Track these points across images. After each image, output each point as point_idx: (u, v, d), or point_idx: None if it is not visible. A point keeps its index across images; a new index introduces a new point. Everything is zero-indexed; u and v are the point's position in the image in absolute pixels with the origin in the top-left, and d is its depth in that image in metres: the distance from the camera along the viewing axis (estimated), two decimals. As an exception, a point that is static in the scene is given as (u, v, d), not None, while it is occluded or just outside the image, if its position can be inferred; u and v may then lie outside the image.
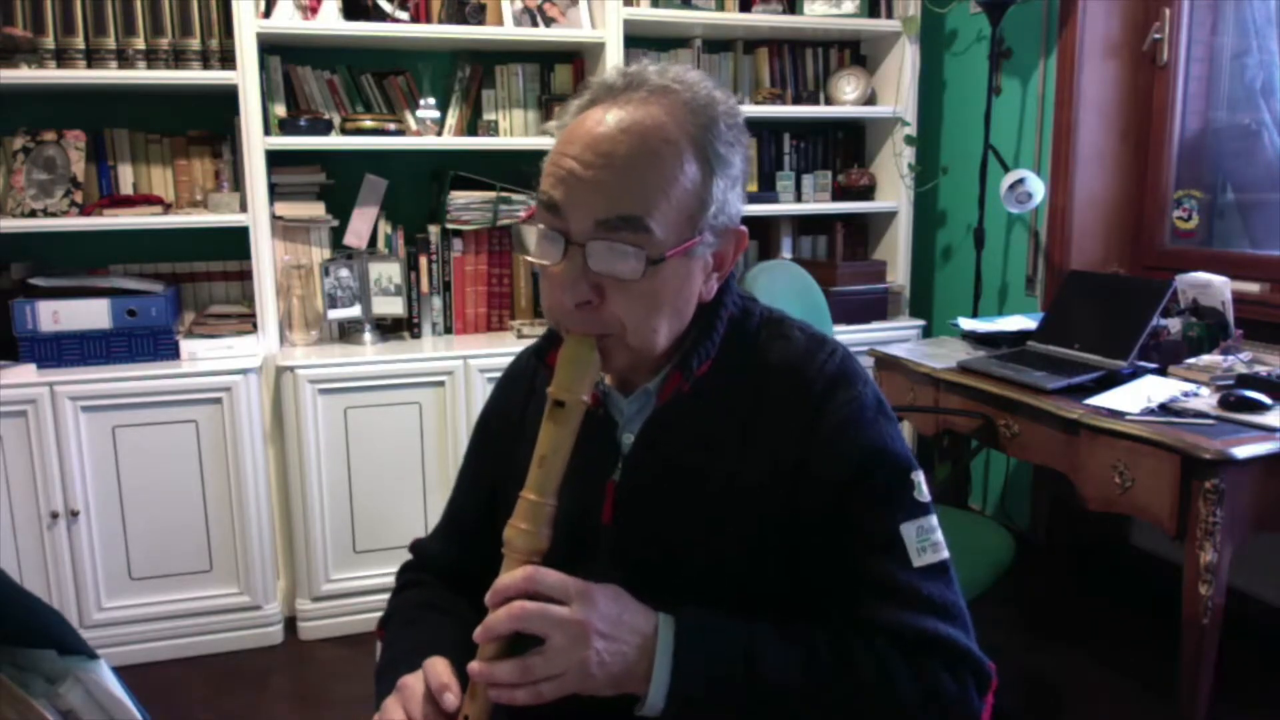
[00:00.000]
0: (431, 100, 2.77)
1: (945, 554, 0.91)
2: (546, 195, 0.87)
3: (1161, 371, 2.17)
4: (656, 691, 0.82)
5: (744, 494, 0.91)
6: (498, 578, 0.84)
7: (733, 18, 2.98)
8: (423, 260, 2.83)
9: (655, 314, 0.88)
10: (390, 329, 2.85)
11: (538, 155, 3.23)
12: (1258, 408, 1.87)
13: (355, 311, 2.74)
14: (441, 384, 2.60)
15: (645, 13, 2.83)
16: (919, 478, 0.93)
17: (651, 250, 0.84)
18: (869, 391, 0.94)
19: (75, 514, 2.37)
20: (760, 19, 3.00)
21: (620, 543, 0.94)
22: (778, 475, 0.90)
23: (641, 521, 0.94)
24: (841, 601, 0.89)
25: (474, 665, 0.82)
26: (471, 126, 2.90)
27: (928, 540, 0.90)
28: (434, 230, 2.83)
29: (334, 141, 2.66)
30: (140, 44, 2.47)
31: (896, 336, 3.05)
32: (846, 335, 2.98)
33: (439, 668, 0.86)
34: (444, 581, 1.10)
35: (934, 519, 0.92)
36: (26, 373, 2.36)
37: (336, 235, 2.79)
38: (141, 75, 2.47)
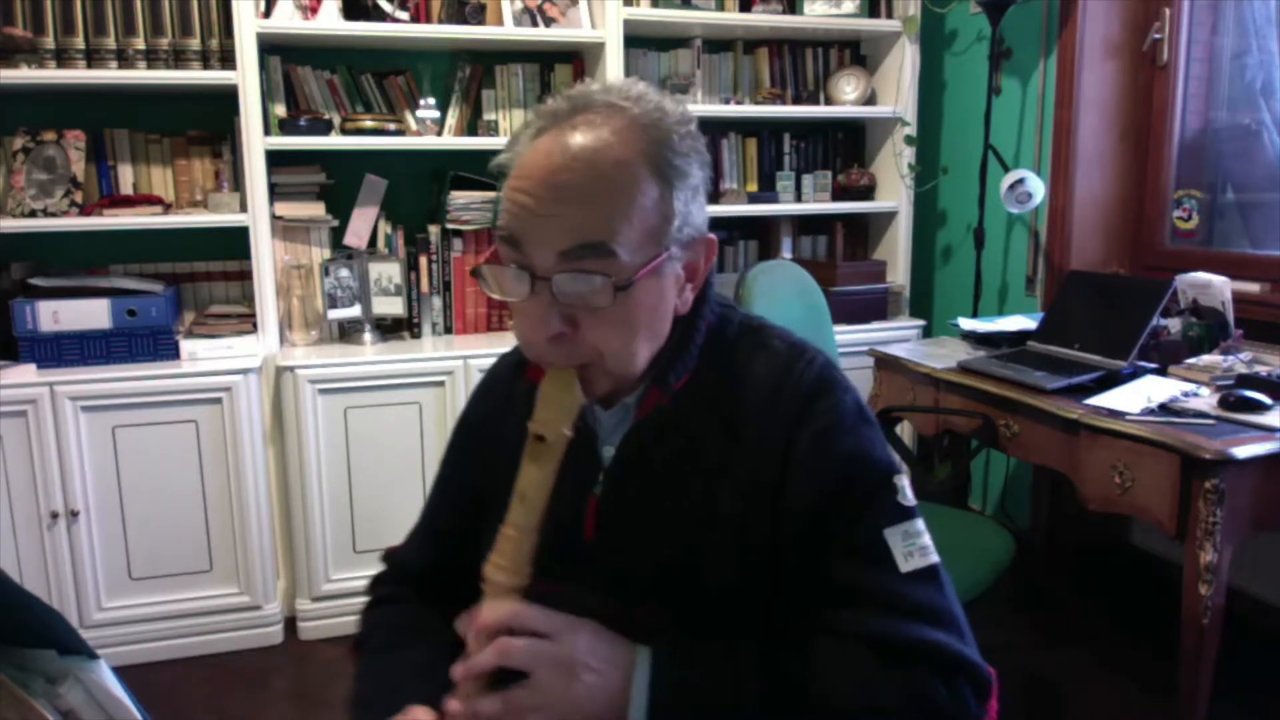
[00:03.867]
0: (431, 100, 2.77)
1: (935, 558, 0.89)
2: (506, 231, 0.85)
3: (1161, 371, 2.17)
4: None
5: (727, 506, 0.89)
6: (479, 614, 0.83)
7: (733, 18, 2.98)
8: (423, 260, 2.83)
9: (632, 337, 0.86)
10: (390, 329, 2.85)
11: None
12: (1258, 408, 1.87)
13: (355, 311, 2.74)
14: (441, 384, 2.60)
15: (645, 13, 2.83)
16: (903, 481, 0.91)
17: (619, 275, 0.82)
18: (849, 399, 0.92)
19: (75, 514, 2.37)
20: (760, 19, 3.00)
21: (603, 558, 0.92)
22: (760, 486, 0.89)
23: (624, 536, 0.92)
24: (825, 610, 0.87)
25: (453, 704, 0.81)
26: (471, 126, 2.90)
27: (915, 545, 0.87)
28: (434, 230, 2.83)
29: (334, 141, 2.66)
30: (140, 44, 2.47)
31: (896, 336, 3.05)
32: (846, 335, 2.98)
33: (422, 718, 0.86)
34: (420, 591, 1.08)
35: (920, 523, 0.89)
36: (26, 373, 2.36)
37: (336, 235, 2.79)
38: (141, 75, 2.47)
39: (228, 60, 2.49)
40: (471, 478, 1.06)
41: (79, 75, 2.43)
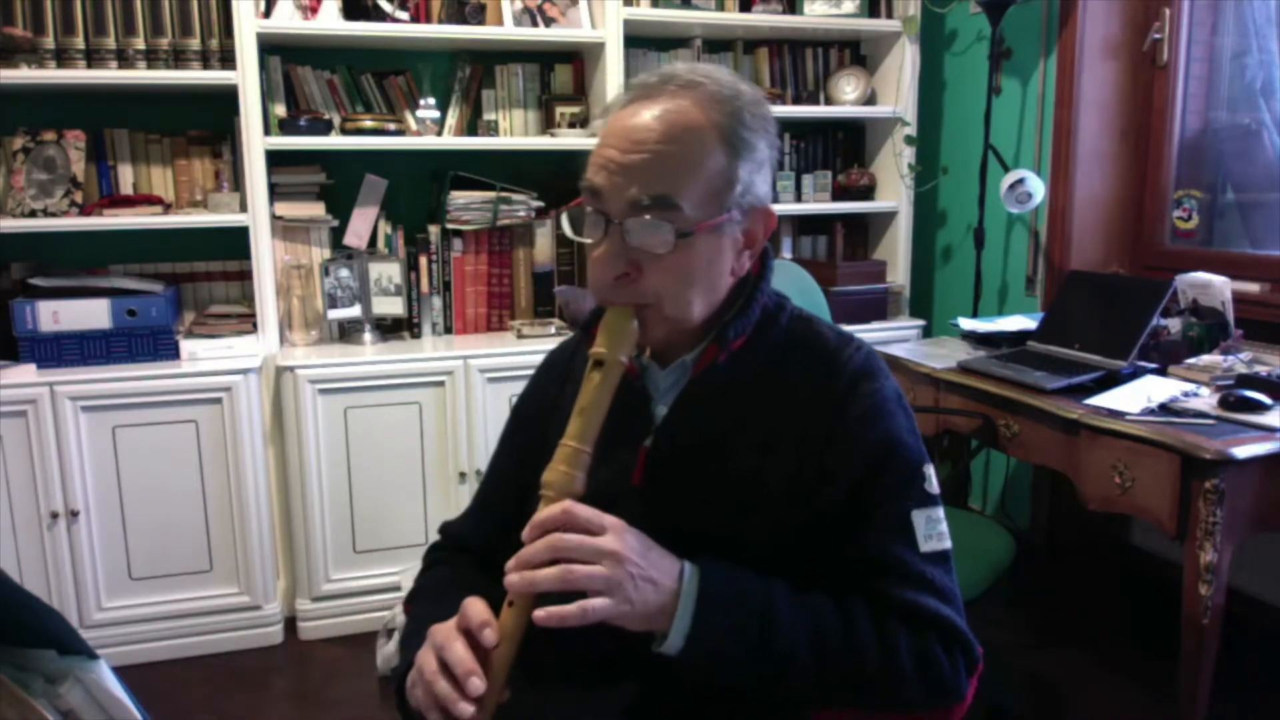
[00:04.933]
0: (431, 100, 2.77)
1: (949, 544, 0.99)
2: (589, 182, 0.96)
3: (1161, 371, 2.17)
4: (678, 630, 0.87)
5: (767, 470, 0.97)
6: (535, 514, 0.89)
7: (733, 18, 2.98)
8: (423, 260, 2.83)
9: (688, 286, 0.96)
10: (390, 329, 2.85)
11: (538, 155, 3.21)
12: (1258, 408, 1.87)
13: (355, 311, 2.74)
14: (441, 384, 2.60)
15: (645, 13, 2.83)
16: (930, 471, 1.00)
17: (681, 225, 0.93)
18: (890, 385, 1.02)
19: (75, 514, 2.37)
20: (760, 19, 3.00)
21: (647, 504, 0.99)
22: (801, 456, 0.97)
23: (669, 486, 1.00)
24: (851, 575, 0.96)
25: (512, 577, 0.86)
26: (471, 126, 2.90)
27: (935, 529, 0.97)
28: (434, 230, 2.83)
29: (334, 141, 2.66)
30: (140, 44, 2.47)
31: (896, 336, 3.05)
32: (846, 335, 2.97)
33: (478, 606, 0.90)
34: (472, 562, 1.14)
35: (941, 511, 0.99)
36: (26, 373, 2.36)
37: (336, 235, 2.79)
38: (141, 75, 2.47)
39: (228, 60, 2.49)
40: (521, 460, 1.12)
41: (79, 75, 2.43)
